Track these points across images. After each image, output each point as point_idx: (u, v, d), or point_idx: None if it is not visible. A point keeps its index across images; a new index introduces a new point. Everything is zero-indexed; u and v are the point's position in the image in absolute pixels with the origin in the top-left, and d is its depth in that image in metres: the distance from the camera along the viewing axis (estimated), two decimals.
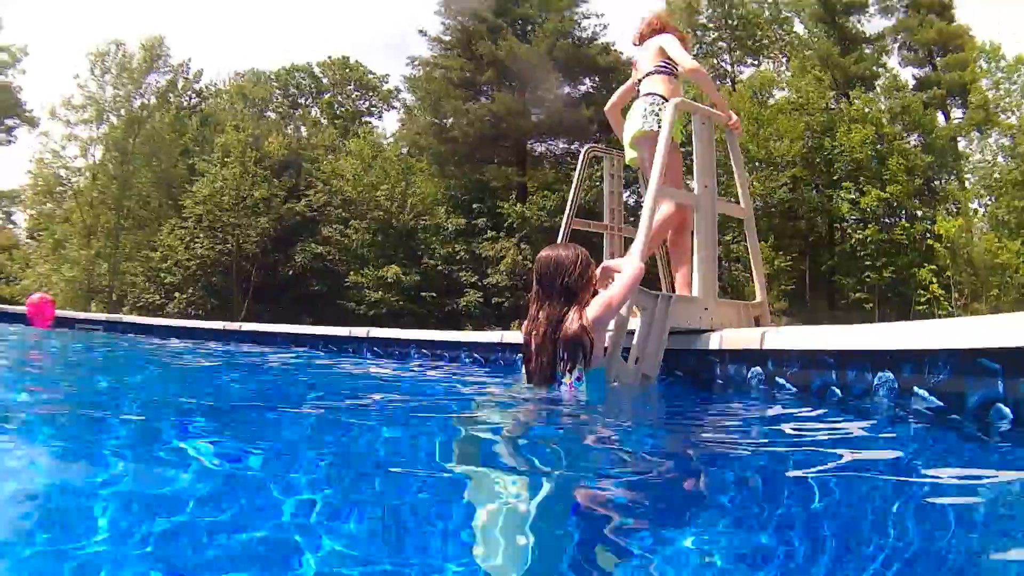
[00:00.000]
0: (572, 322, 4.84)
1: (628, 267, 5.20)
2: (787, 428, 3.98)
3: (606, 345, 5.16)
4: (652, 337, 5.36)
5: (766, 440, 3.76)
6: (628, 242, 7.44)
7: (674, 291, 6.39)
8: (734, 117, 6.74)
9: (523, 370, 5.19)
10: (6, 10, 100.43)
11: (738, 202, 6.82)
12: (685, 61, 6.65)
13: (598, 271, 5.15)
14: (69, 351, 9.82)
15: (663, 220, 6.35)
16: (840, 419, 4.07)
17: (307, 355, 10.58)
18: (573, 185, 7.67)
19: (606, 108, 7.98)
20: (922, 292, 38.47)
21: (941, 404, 3.68)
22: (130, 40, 53.85)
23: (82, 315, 23.64)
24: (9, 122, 57.14)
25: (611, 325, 5.22)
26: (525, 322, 5.15)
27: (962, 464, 3.12)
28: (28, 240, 58.26)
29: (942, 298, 38.02)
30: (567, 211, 7.41)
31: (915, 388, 3.81)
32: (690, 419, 4.64)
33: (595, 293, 5.05)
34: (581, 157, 7.87)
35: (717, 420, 4.49)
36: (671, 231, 6.68)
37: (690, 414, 4.86)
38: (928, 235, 41.66)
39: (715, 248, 6.02)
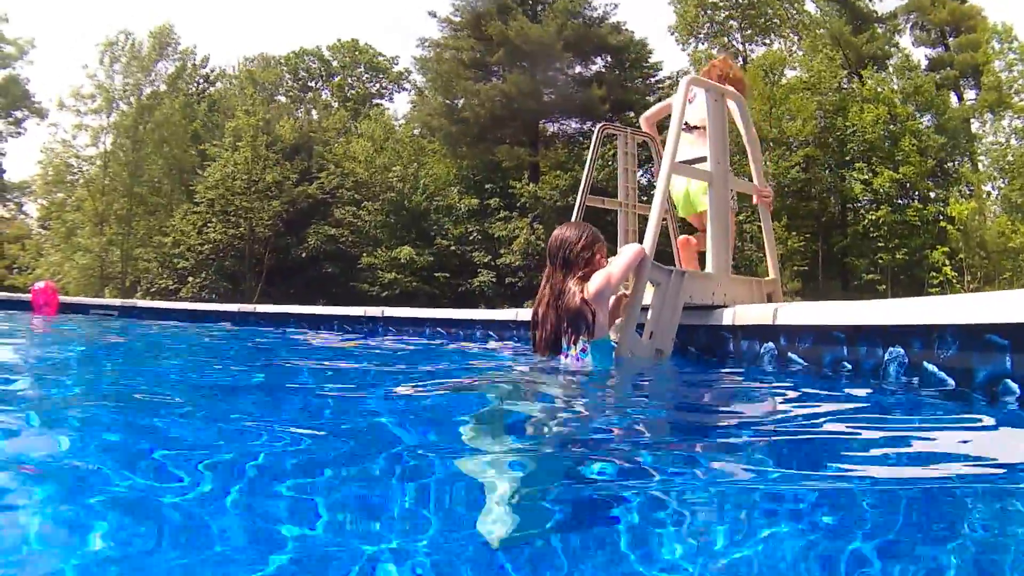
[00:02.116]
0: (573, 296, 5.02)
1: (629, 247, 5.33)
2: (792, 397, 4.05)
3: (617, 318, 5.29)
4: (665, 312, 5.42)
5: (769, 410, 3.82)
6: (643, 219, 7.49)
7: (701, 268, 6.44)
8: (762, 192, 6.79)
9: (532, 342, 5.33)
10: (12, 3, 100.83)
11: (751, 180, 6.85)
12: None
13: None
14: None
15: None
16: (848, 392, 4.12)
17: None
18: (587, 163, 7.69)
19: (642, 119, 7.98)
20: (935, 274, 38.35)
21: (950, 379, 3.70)
22: (138, 29, 54.36)
23: (95, 301, 23.78)
24: (18, 114, 57.39)
25: (616, 299, 5.34)
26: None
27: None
28: (40, 230, 58.38)
29: (954, 280, 37.92)
30: (581, 189, 7.43)
31: (924, 363, 3.86)
32: (699, 391, 4.69)
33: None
34: (595, 135, 7.88)
35: (725, 392, 4.55)
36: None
37: (699, 386, 4.91)
38: (941, 217, 41.55)
39: (728, 225, 6.06)
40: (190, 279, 47.74)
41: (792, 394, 4.19)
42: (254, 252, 48.73)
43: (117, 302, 22.47)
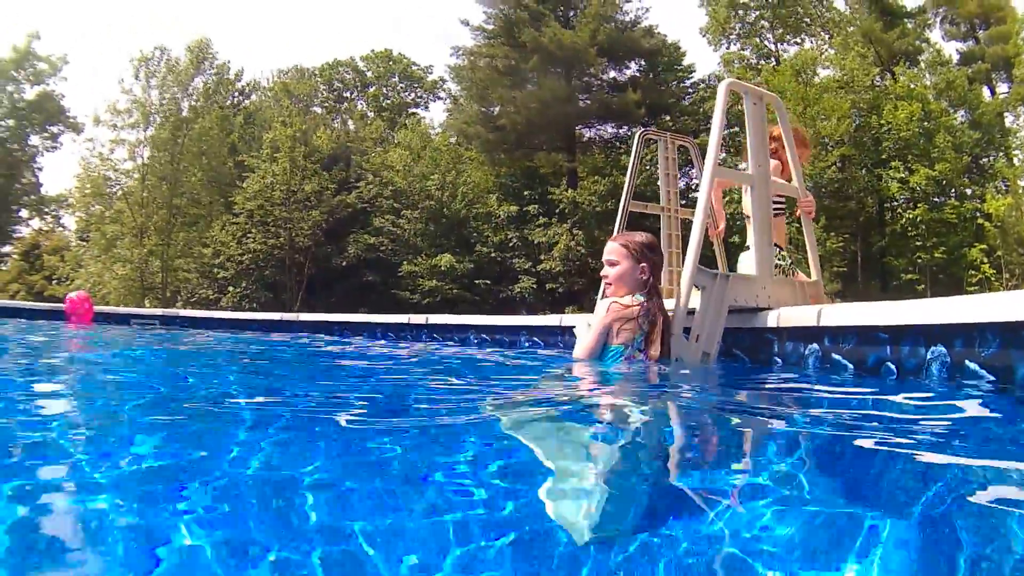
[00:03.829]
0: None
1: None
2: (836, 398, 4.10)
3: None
4: (710, 315, 5.50)
5: (818, 411, 3.86)
6: (685, 224, 7.55)
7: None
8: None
9: (630, 342, 5.29)
10: (46, 20, 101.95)
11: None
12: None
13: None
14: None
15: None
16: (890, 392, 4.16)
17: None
18: (629, 169, 7.75)
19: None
20: (973, 272, 38.12)
21: (992, 377, 3.75)
22: (174, 45, 55.21)
23: (135, 311, 23.90)
24: (53, 129, 58.10)
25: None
26: (643, 297, 5.33)
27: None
28: (80, 242, 58.92)
29: (993, 278, 37.64)
30: (624, 195, 7.53)
31: (966, 362, 3.93)
32: (749, 394, 4.74)
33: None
34: (636, 141, 7.95)
35: (774, 394, 4.60)
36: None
37: (748, 389, 4.96)
38: (978, 214, 41.25)
39: (771, 228, 6.11)
40: (230, 289, 48.16)
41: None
42: (294, 261, 49.08)
43: (158, 311, 22.57)
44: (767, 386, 4.94)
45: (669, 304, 5.49)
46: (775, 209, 6.79)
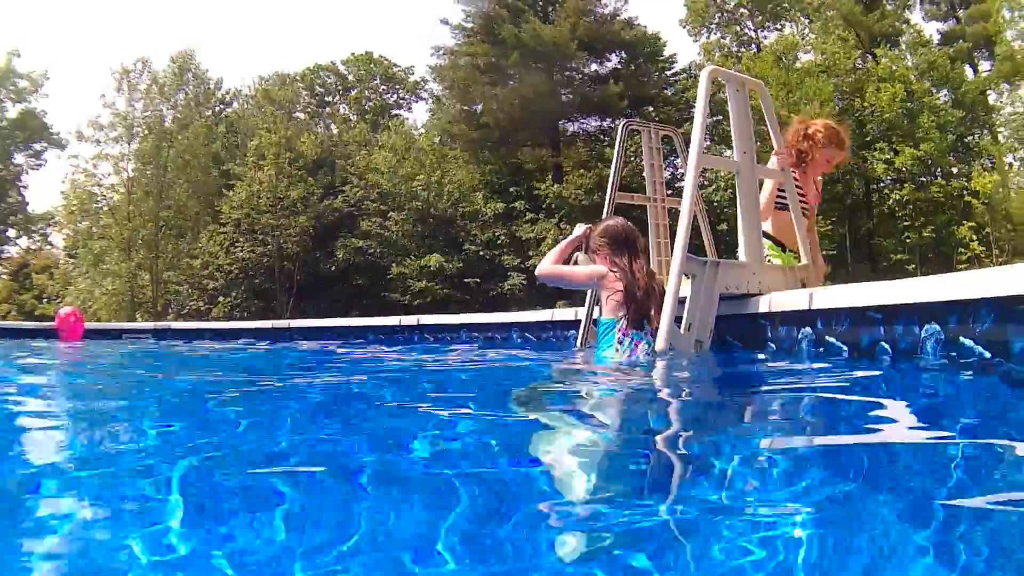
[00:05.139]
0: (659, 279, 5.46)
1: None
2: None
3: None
4: (702, 303, 5.47)
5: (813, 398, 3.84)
6: (672, 213, 7.53)
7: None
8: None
9: (623, 320, 5.41)
10: (26, 36, 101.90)
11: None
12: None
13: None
14: None
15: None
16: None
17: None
18: (614, 160, 7.72)
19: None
20: (963, 250, 38.20)
21: (987, 353, 3.72)
22: (159, 54, 55.23)
23: (126, 325, 23.87)
24: (37, 146, 58.11)
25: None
26: (618, 272, 5.49)
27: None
28: (68, 259, 58.88)
29: (982, 255, 37.72)
30: (610, 187, 7.49)
31: (961, 338, 3.90)
32: (743, 381, 4.72)
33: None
34: (620, 132, 7.90)
35: (769, 382, 4.59)
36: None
37: (743, 377, 4.95)
38: (965, 192, 41.32)
39: (759, 213, 6.08)
40: (221, 299, 48.08)
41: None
42: (284, 268, 48.98)
43: (149, 325, 22.53)
44: (757, 372, 4.94)
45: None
46: (779, 204, 6.78)
